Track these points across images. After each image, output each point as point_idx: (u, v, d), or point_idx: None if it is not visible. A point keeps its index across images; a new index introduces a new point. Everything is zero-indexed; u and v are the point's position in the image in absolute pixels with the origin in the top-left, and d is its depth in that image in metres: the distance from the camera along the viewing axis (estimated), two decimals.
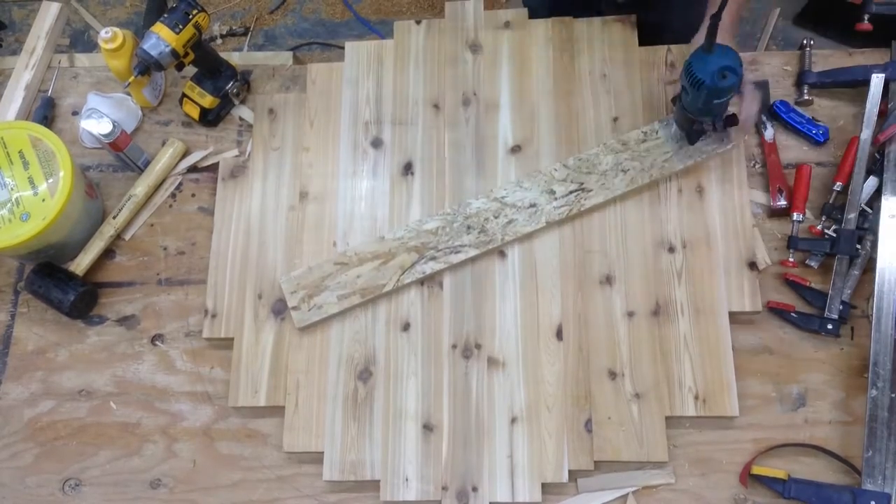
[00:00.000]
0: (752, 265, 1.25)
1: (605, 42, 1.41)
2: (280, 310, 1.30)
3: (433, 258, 1.27)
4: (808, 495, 1.14)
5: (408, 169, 1.37)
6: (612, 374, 1.22)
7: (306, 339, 1.28)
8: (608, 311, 1.25)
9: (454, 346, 1.26)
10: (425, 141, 1.38)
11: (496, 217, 1.28)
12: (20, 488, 1.28)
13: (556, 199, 1.28)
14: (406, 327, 1.27)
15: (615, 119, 1.36)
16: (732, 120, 1.21)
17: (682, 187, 1.31)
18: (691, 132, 1.24)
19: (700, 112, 1.17)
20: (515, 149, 1.36)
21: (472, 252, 1.27)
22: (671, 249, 1.27)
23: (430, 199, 1.34)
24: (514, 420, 1.21)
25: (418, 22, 1.46)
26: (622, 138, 1.30)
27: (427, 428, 1.22)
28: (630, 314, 1.25)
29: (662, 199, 1.30)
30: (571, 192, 1.28)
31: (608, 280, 1.27)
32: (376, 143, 1.39)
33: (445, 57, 1.43)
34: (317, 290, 1.28)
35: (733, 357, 1.21)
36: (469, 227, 1.29)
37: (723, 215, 1.28)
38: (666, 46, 1.40)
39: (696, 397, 1.19)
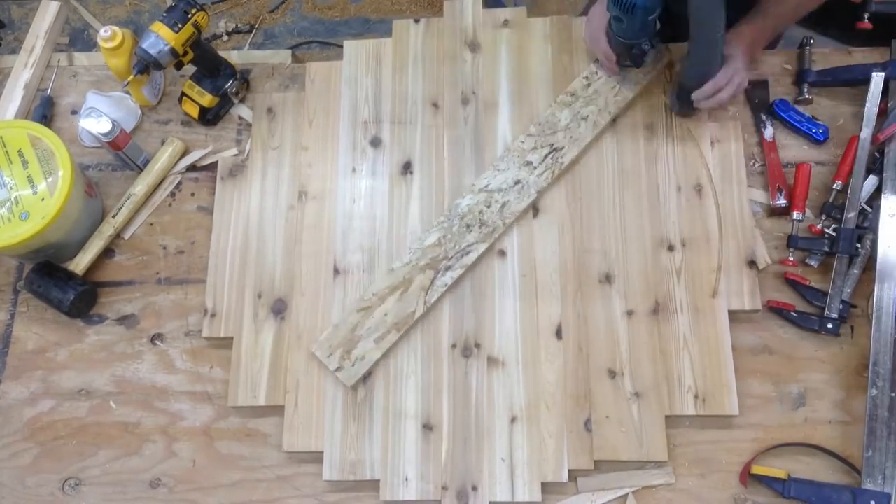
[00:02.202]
0: (752, 264, 1.25)
1: None
2: (279, 309, 1.30)
3: (448, 268, 1.27)
4: (808, 495, 1.14)
5: (407, 168, 1.36)
6: (612, 374, 1.22)
7: (306, 339, 1.28)
8: (608, 311, 1.25)
9: (454, 346, 1.25)
10: (424, 140, 1.38)
11: (489, 207, 1.29)
12: (20, 488, 1.28)
13: (535, 168, 1.30)
14: None
15: (614, 118, 1.36)
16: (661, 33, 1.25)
17: (681, 186, 1.30)
18: (635, 56, 1.27)
19: (638, 34, 1.20)
20: None
21: (482, 247, 1.27)
22: (671, 248, 1.27)
23: (429, 198, 1.34)
24: (513, 419, 1.21)
25: (417, 21, 1.46)
26: (569, 89, 1.35)
27: (427, 427, 1.22)
28: (629, 313, 1.25)
29: (661, 197, 1.30)
30: (546, 156, 1.31)
31: (608, 279, 1.27)
32: (375, 142, 1.39)
33: (444, 56, 1.43)
34: (352, 344, 1.24)
35: (733, 356, 1.21)
36: (468, 226, 1.29)
37: (722, 214, 1.28)
38: (665, 45, 1.39)
39: (696, 396, 1.19)
